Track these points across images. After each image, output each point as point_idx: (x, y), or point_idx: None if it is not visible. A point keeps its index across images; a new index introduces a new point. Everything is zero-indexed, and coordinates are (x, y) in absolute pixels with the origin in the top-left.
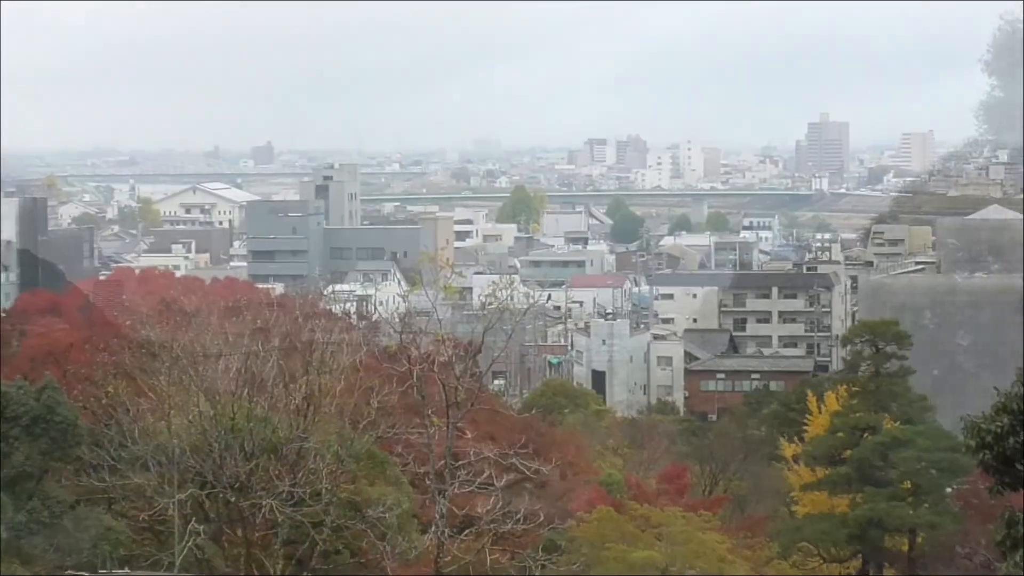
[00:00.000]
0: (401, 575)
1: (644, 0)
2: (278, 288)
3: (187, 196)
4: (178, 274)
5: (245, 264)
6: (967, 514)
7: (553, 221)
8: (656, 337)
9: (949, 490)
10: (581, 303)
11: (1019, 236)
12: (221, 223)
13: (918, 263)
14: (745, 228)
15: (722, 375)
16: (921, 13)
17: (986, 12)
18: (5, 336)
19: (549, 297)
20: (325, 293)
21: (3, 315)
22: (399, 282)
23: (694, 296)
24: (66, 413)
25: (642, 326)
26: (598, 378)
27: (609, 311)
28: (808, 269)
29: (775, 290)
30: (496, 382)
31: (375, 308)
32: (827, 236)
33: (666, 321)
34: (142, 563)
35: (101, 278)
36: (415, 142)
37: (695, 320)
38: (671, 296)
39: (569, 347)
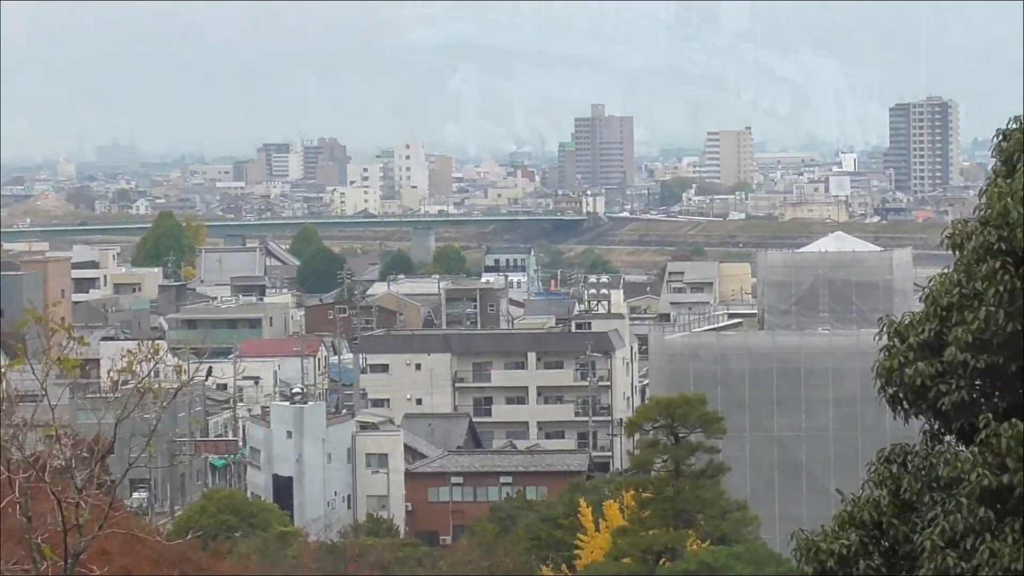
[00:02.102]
0: None
1: None
2: None
3: None
4: None
5: None
6: None
7: (215, 262)
8: (364, 427)
9: None
10: (257, 379)
11: (871, 276)
12: None
13: (733, 315)
14: (488, 269)
15: (459, 479)
16: None
17: None
18: None
19: (210, 371)
20: None
21: None
22: None
23: (418, 367)
24: None
25: (344, 411)
26: (283, 486)
27: (297, 390)
28: (579, 327)
29: (532, 357)
30: (136, 495)
31: None
32: (605, 279)
33: (378, 403)
34: None
35: None
36: (13, 150)
37: (419, 401)
38: (385, 367)
39: (240, 443)
